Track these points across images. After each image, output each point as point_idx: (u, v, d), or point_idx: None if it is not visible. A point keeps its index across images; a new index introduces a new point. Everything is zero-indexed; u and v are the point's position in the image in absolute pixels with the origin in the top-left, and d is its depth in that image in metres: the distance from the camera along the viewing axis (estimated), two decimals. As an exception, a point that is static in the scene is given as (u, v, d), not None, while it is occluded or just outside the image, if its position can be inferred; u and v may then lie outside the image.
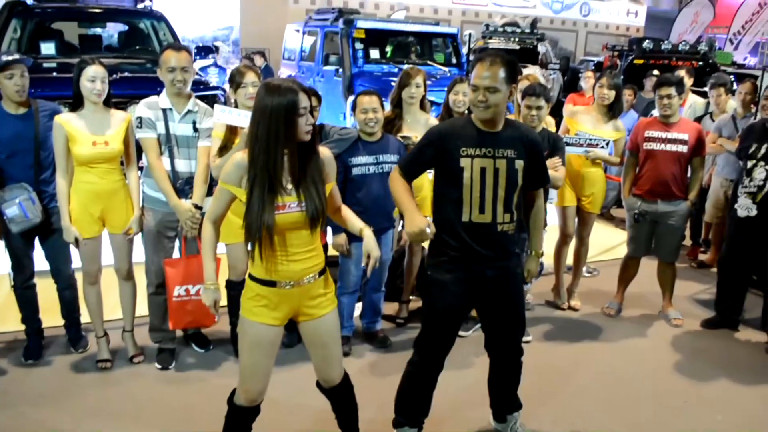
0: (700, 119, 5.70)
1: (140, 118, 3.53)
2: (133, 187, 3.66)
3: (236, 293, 3.89)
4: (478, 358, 3.85)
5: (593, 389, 3.81)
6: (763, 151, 4.34)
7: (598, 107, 4.71)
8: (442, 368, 3.00)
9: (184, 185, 3.59)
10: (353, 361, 3.96)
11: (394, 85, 4.38)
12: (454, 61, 9.95)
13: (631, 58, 10.36)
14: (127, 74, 6.25)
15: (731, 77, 6.55)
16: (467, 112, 4.28)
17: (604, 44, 13.12)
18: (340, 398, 2.78)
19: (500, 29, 12.52)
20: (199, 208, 3.58)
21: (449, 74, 8.77)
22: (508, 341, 3.03)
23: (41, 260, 3.82)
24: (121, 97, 5.32)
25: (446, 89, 4.46)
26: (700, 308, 5.05)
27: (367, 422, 2.86)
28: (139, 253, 3.78)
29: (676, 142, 4.43)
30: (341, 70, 9.01)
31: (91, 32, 8.47)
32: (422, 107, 4.38)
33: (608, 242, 6.46)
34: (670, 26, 18.23)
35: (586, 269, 5.49)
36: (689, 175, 4.59)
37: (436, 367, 2.98)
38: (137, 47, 7.66)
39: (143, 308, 3.92)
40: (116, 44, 8.17)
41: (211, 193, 3.76)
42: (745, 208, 4.41)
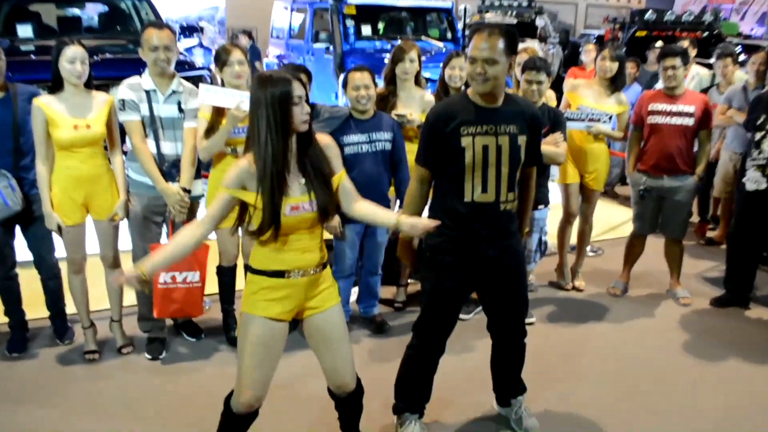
0: (706, 91, 5.69)
1: (123, 100, 3.50)
2: (117, 171, 3.64)
3: (228, 279, 3.94)
4: (480, 341, 3.85)
5: (599, 371, 3.83)
6: (772, 122, 4.33)
7: (600, 80, 4.69)
8: (442, 351, 3.00)
9: (170, 168, 3.57)
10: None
11: (387, 62, 4.35)
12: (449, 36, 9.91)
13: (633, 30, 10.33)
14: (108, 56, 6.21)
15: (738, 48, 6.53)
16: (464, 87, 4.27)
17: (604, 17, 13.09)
18: (351, 405, 2.72)
19: (497, 3, 12.47)
20: (187, 191, 3.57)
21: (444, 50, 8.73)
22: (511, 322, 3.03)
23: (23, 250, 3.81)
24: (102, 79, 5.25)
25: (442, 64, 4.43)
26: (709, 286, 5.06)
27: (366, 409, 2.86)
28: (125, 239, 3.76)
29: (681, 114, 4.42)
30: (332, 47, 8.97)
31: (69, 13, 8.38)
32: (417, 83, 4.36)
33: (613, 220, 6.46)
34: (673, -3, 18.17)
35: (590, 248, 5.49)
36: (696, 148, 4.58)
37: (436, 350, 2.99)
38: (118, 28, 7.62)
39: (131, 297, 3.91)
40: (96, 25, 8.10)
41: (199, 175, 3.75)
42: (754, 181, 4.40)
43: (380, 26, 9.95)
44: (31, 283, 3.89)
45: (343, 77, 3.96)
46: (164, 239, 3.81)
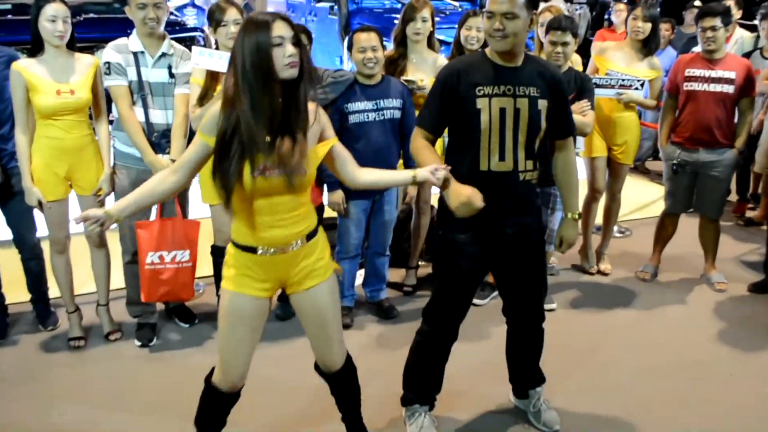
0: (748, 55, 5.62)
1: (108, 63, 3.50)
2: (103, 142, 3.65)
3: (222, 261, 3.93)
4: (495, 328, 3.86)
5: (626, 361, 3.83)
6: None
7: (631, 42, 4.64)
8: (455, 338, 3.00)
9: (160, 138, 3.57)
10: (356, 333, 3.98)
11: (397, 23, 4.32)
12: (465, -6, 9.82)
13: (669, -13, 10.18)
14: (92, 15, 6.21)
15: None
16: (481, 48, 4.24)
17: (638, -27, 12.90)
18: (340, 384, 2.76)
19: (518, -43, 12.31)
20: (178, 164, 3.56)
21: (460, 9, 8.65)
22: (528, 305, 3.03)
23: (2, 228, 3.83)
24: (86, 41, 5.26)
25: (457, 25, 4.39)
26: (747, 270, 5.04)
27: (372, 401, 2.88)
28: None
29: (721, 81, 4.37)
30: (336, 7, 8.90)
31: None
32: (430, 46, 4.32)
33: (643, 198, 6.43)
34: (714, -50, 17.89)
35: (617, 229, 5.48)
36: (736, 119, 4.53)
37: (448, 337, 2.99)
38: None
39: (119, 280, 3.93)
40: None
41: (191, 147, 3.75)
42: (799, 155, 4.37)
43: (390, -17, 9.87)
44: (10, 264, 3.92)
45: (348, 39, 3.94)
46: (153, 216, 3.81)
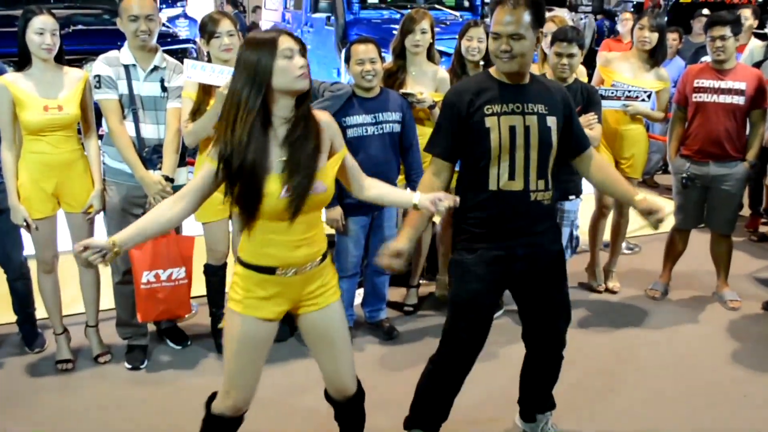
0: (759, 64, 5.65)
1: (98, 76, 3.52)
2: (93, 157, 3.66)
3: (216, 279, 3.96)
4: (501, 348, 3.88)
5: (636, 384, 3.83)
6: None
7: (637, 53, 4.68)
8: (469, 368, 2.97)
9: (151, 154, 3.58)
10: (355, 355, 3.94)
11: (396, 33, 4.35)
12: (466, 4, 9.86)
13: (677, -4, 10.28)
14: (81, 27, 6.25)
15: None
16: (483, 63, 4.27)
17: (644, -19, 13.01)
18: (349, 412, 2.75)
19: (521, -34, 12.42)
20: (170, 180, 3.58)
21: (461, 20, 8.70)
22: (546, 331, 3.01)
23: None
24: (75, 53, 5.33)
25: (458, 35, 4.43)
26: (761, 288, 5.05)
27: (372, 424, 2.87)
28: (101, 234, 3.78)
29: (731, 92, 4.40)
30: (333, 17, 8.95)
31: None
32: (430, 57, 4.36)
33: (652, 214, 6.44)
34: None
35: (626, 245, 5.49)
36: (748, 131, 4.56)
37: (462, 366, 2.96)
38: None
39: (108, 300, 3.94)
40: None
41: (183, 162, 3.77)
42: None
43: (388, -8, 9.93)
44: (-5, 283, 3.92)
45: (345, 51, 3.97)
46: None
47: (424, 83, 4.22)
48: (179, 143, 3.62)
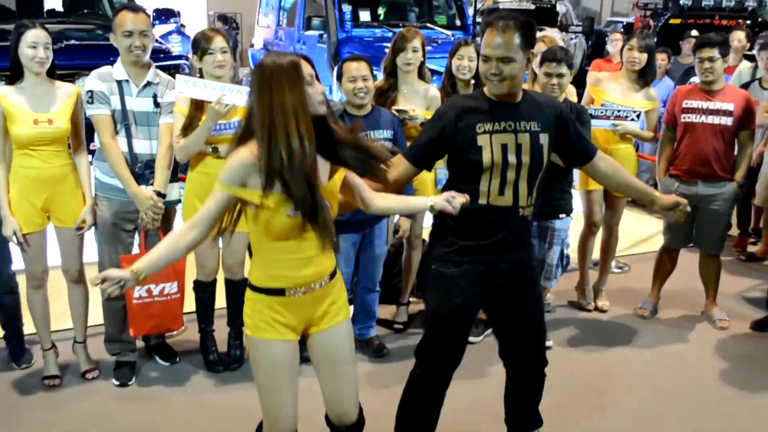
0: (747, 86, 5.72)
1: (91, 91, 3.52)
2: (84, 172, 3.66)
3: (206, 296, 3.96)
4: (489, 367, 3.88)
5: (625, 403, 3.84)
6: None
7: (627, 73, 4.73)
8: (449, 381, 2.99)
9: (144, 169, 3.59)
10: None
11: (388, 51, 4.39)
12: (458, 23, 9.97)
13: (666, 17, 10.39)
14: (73, 42, 6.26)
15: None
16: (473, 81, 4.31)
17: (634, 2, 13.17)
18: None
19: (512, -14, 12.56)
20: (161, 195, 3.58)
21: (452, 39, 8.77)
22: (528, 349, 3.03)
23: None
24: (67, 68, 5.33)
25: (448, 54, 4.46)
26: (749, 307, 5.08)
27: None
28: (91, 250, 3.78)
29: (719, 113, 4.44)
30: (326, 35, 9.01)
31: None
32: (421, 76, 4.39)
33: (641, 232, 6.49)
34: (712, -20, 18.28)
35: (615, 264, 5.51)
36: (736, 151, 4.60)
37: (442, 379, 2.98)
38: (85, 11, 7.68)
39: (96, 316, 3.93)
40: (60, 8, 8.15)
41: (175, 178, 3.77)
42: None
43: (380, 11, 10.02)
44: (-17, 298, 3.90)
45: (337, 68, 4.00)
46: (135, 249, 3.82)
47: (415, 101, 4.25)
48: (171, 159, 3.63)
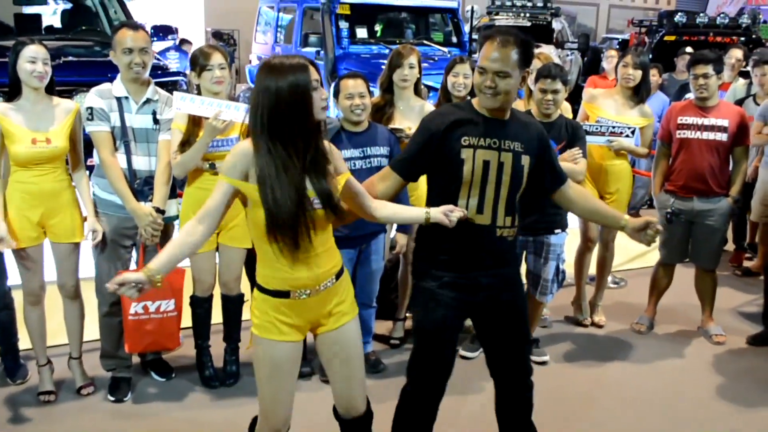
0: (741, 102, 5.76)
1: (91, 108, 3.54)
2: (83, 189, 3.67)
3: (202, 311, 3.96)
4: (485, 382, 3.85)
5: (621, 418, 3.84)
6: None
7: (621, 90, 4.76)
8: (441, 395, 2.98)
9: (142, 186, 3.60)
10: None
11: (384, 68, 4.41)
12: (454, 40, 10.03)
13: (661, 34, 10.47)
14: (71, 58, 6.27)
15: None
16: (468, 96, 4.33)
17: (629, 19, 13.26)
18: (359, 431, 2.79)
19: (508, 3, 12.62)
20: (160, 212, 3.59)
21: (449, 55, 8.83)
22: (512, 360, 3.02)
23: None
24: (65, 84, 5.35)
25: (444, 71, 4.49)
26: (745, 322, 5.09)
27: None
28: (86, 266, 3.79)
29: (714, 129, 4.48)
30: (323, 52, 9.05)
31: (28, 11, 8.48)
32: (417, 92, 4.42)
33: (637, 248, 6.46)
34: (706, -3, 18.43)
35: (611, 279, 5.53)
36: (731, 167, 4.63)
37: (434, 394, 2.97)
38: (83, 28, 7.71)
39: (92, 331, 3.92)
40: (58, 25, 8.19)
41: (174, 194, 3.78)
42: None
43: (377, 28, 10.07)
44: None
45: (334, 85, 4.02)
46: (133, 266, 3.82)
47: (411, 118, 4.27)
48: (170, 175, 3.63)
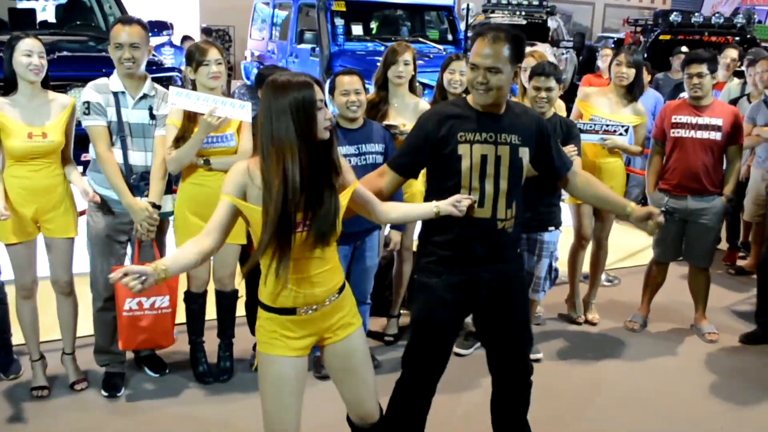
0: (735, 102, 5.78)
1: (88, 103, 3.53)
2: (76, 179, 3.64)
3: (196, 307, 3.96)
4: (479, 379, 3.89)
5: (614, 416, 3.85)
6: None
7: (615, 88, 4.77)
8: (434, 390, 3.00)
9: (138, 181, 3.59)
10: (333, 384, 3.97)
11: (379, 65, 4.42)
12: (449, 38, 10.03)
13: (656, 33, 10.47)
14: (66, 53, 6.26)
15: (773, 54, 6.63)
16: (464, 93, 4.34)
17: (624, 18, 13.28)
18: None
19: (504, 1, 12.64)
20: (156, 207, 3.59)
21: (444, 53, 8.83)
22: (513, 358, 3.05)
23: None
24: (60, 79, 5.33)
25: (440, 69, 4.50)
26: (738, 321, 5.11)
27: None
28: (80, 262, 3.79)
29: (708, 128, 4.49)
30: (318, 48, 9.05)
31: (22, 6, 8.46)
32: (412, 90, 4.42)
33: (631, 246, 6.52)
34: (701, -3, 18.47)
35: (605, 277, 5.55)
36: (725, 166, 4.65)
37: (427, 387, 2.99)
38: (78, 22, 7.69)
39: (85, 326, 3.92)
40: (53, 19, 8.18)
41: (170, 190, 3.78)
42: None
43: (373, 25, 10.06)
44: (-28, 309, 3.89)
45: (330, 82, 4.02)
46: (128, 261, 3.82)
47: (405, 115, 4.27)
48: (166, 171, 3.62)
